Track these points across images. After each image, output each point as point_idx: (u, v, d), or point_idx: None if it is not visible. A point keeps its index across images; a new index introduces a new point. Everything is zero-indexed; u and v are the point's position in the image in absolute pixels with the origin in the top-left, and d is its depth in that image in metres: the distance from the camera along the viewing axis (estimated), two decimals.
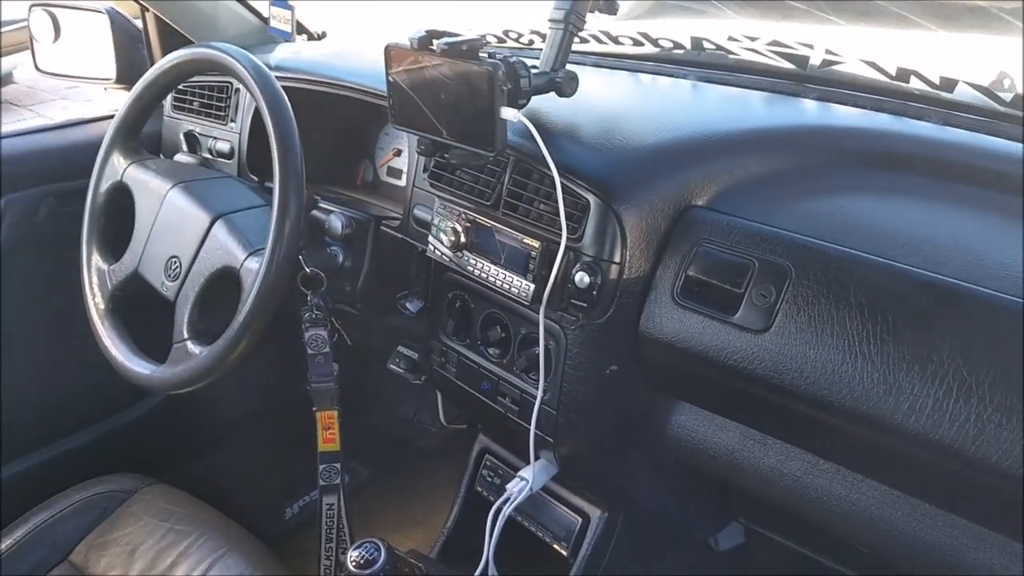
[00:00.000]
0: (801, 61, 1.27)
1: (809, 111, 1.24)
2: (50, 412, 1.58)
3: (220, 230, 1.16)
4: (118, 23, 1.58)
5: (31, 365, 1.55)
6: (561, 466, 1.17)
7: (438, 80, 1.00)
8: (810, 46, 1.24)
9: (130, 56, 1.60)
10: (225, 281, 1.13)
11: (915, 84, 1.16)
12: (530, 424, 1.11)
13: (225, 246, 1.14)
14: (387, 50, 1.04)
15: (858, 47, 1.23)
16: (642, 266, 1.01)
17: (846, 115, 1.21)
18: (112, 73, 1.61)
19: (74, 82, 1.70)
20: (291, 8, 1.11)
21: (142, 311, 1.24)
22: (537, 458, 1.16)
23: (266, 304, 1.06)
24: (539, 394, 1.09)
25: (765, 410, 0.97)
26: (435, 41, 0.99)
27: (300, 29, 1.74)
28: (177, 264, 1.18)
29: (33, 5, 1.64)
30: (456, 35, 0.99)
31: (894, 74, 1.16)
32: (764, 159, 1.09)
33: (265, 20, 1.68)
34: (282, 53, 1.57)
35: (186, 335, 1.14)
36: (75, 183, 1.47)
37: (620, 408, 1.11)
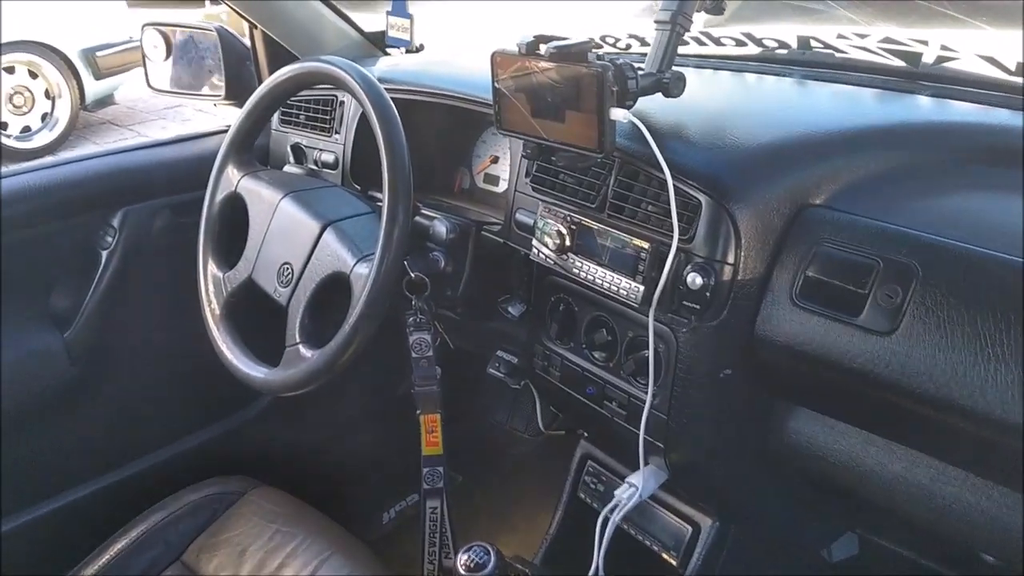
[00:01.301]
0: (914, 58, 1.23)
1: (925, 108, 1.19)
2: (165, 415, 1.64)
3: (330, 237, 1.18)
4: (227, 41, 1.64)
5: (148, 370, 1.61)
6: (671, 473, 1.15)
7: (545, 84, 1.01)
8: (924, 42, 1.19)
9: (238, 73, 1.65)
10: (335, 286, 1.15)
11: None
12: (639, 429, 1.09)
13: (336, 252, 1.16)
14: (493, 57, 1.05)
15: (973, 43, 1.18)
16: (757, 267, 0.99)
17: (964, 111, 1.16)
18: (221, 90, 1.67)
19: (185, 99, 1.77)
20: (410, 17, 1.13)
21: (254, 317, 1.27)
22: (646, 464, 1.14)
23: (376, 308, 1.07)
24: (648, 398, 1.08)
25: (890, 415, 0.94)
26: (543, 46, 0.99)
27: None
28: (289, 270, 1.20)
29: (145, 24, 1.71)
30: (563, 39, 0.99)
31: (1013, 69, 1.11)
32: (882, 156, 1.05)
33: (364, 34, 1.72)
34: (383, 65, 1.61)
35: (298, 339, 1.16)
36: (189, 195, 1.53)
37: (734, 413, 1.09)
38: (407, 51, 1.77)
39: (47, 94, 5.08)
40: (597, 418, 1.19)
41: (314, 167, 1.57)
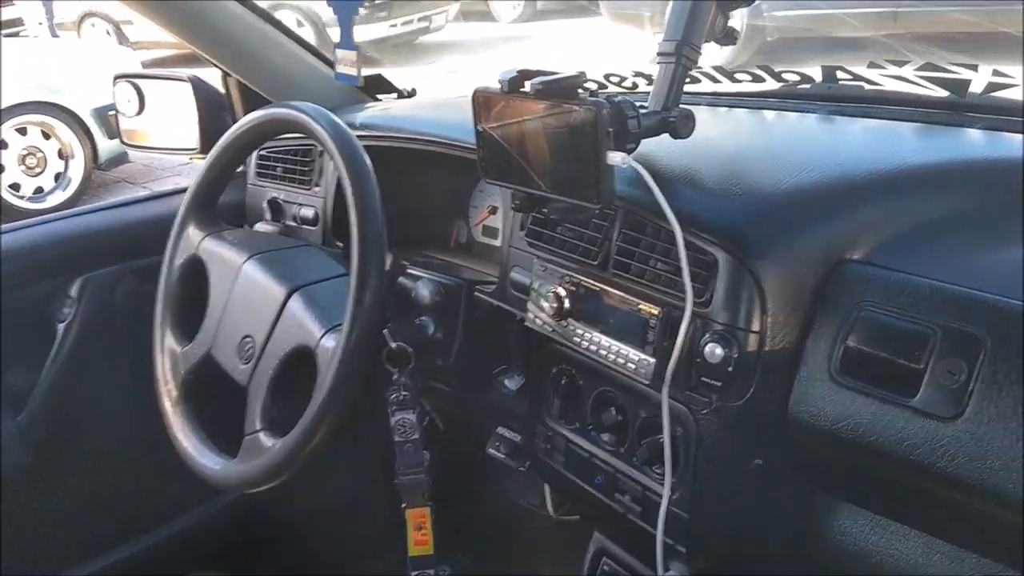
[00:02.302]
0: (960, 87, 1.07)
1: (976, 143, 1.05)
2: (132, 506, 1.50)
3: (296, 304, 1.06)
4: (201, 90, 1.54)
5: (113, 455, 1.48)
6: None
7: (533, 125, 0.89)
8: (973, 67, 1.04)
9: (215, 124, 1.53)
10: (302, 362, 1.03)
11: None
12: (656, 529, 0.93)
13: (301, 322, 1.04)
14: (475, 96, 0.94)
15: None
16: (788, 335, 0.85)
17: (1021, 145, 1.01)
18: (196, 143, 1.56)
19: (159, 154, 1.66)
20: (356, 49, 1.02)
21: (221, 396, 1.14)
22: (666, 570, 0.97)
23: (344, 388, 0.95)
24: (666, 493, 0.92)
25: (957, 516, 0.79)
26: (528, 82, 0.87)
27: (389, 88, 1.66)
28: (251, 344, 1.09)
29: (116, 76, 1.61)
30: (551, 74, 0.86)
31: None
32: (930, 201, 0.92)
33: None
34: (372, 111, 1.51)
35: (259, 425, 1.04)
36: (155, 258, 1.40)
37: (769, 511, 0.93)
38: (398, 96, 1.66)
39: (60, 154, 5.07)
40: (609, 512, 1.03)
41: (292, 223, 1.45)
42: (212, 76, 1.59)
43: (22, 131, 4.91)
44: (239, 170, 1.56)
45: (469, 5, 9.29)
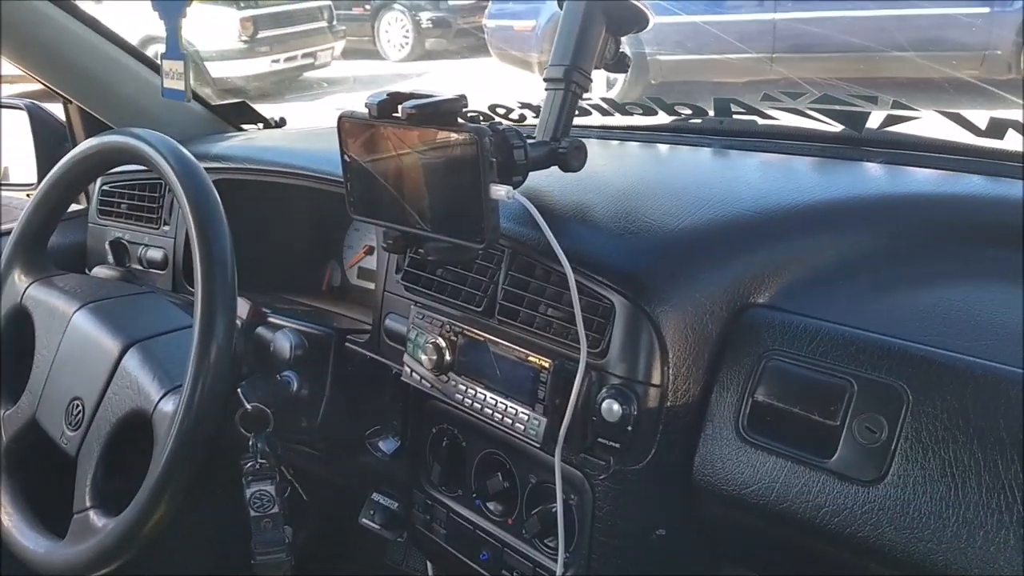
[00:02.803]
0: (857, 120, 1.04)
1: (877, 177, 1.01)
2: None
3: (132, 361, 0.95)
4: (39, 119, 1.40)
5: None
6: None
7: (407, 155, 0.79)
8: (872, 99, 1.01)
9: (54, 157, 1.36)
10: (138, 429, 0.91)
11: (1012, 141, 0.92)
12: None
13: (136, 383, 0.93)
14: (340, 121, 0.84)
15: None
16: (692, 389, 0.77)
17: (928, 179, 0.98)
18: (34, 177, 1.41)
19: None
20: (184, 57, 0.90)
21: (49, 468, 0.99)
22: None
23: (185, 459, 0.85)
24: (559, 570, 0.83)
25: None
26: (400, 106, 0.77)
27: (255, 117, 1.53)
28: (80, 408, 0.96)
29: None
30: (427, 96, 0.76)
31: (984, 128, 0.93)
32: (833, 240, 0.87)
33: (211, 108, 1.47)
34: (230, 142, 1.38)
35: (89, 503, 0.92)
36: None
37: None
38: (266, 126, 1.53)
39: None
40: None
41: (139, 267, 1.32)
42: (57, 106, 1.43)
43: None
44: (79, 207, 1.42)
45: (356, 43, 9.20)
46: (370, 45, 9.49)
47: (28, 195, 1.46)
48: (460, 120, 0.76)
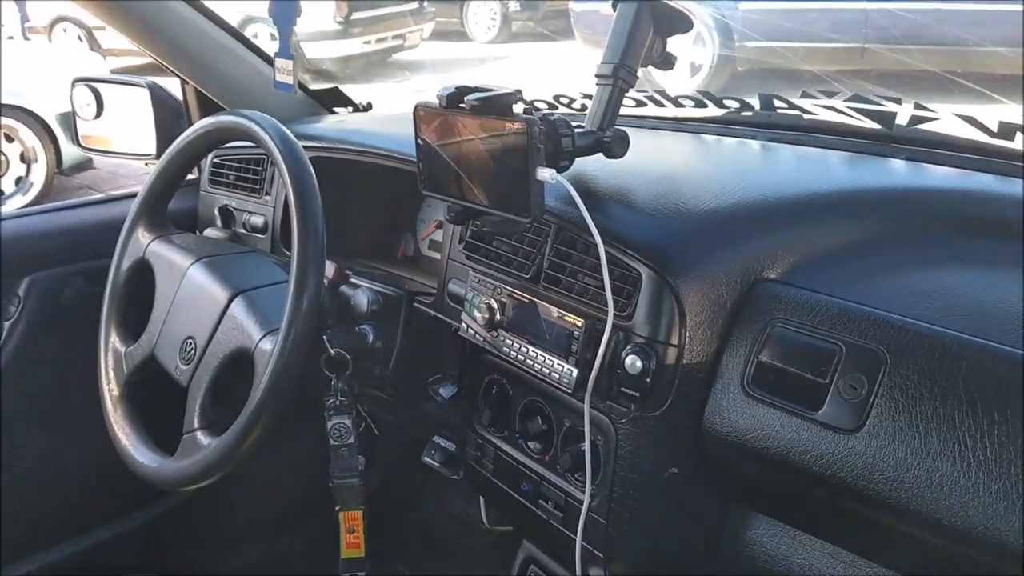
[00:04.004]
0: (887, 119, 1.12)
1: (898, 172, 1.09)
2: (70, 509, 1.49)
3: (238, 308, 1.07)
4: (159, 97, 1.54)
5: (53, 458, 1.47)
6: None
7: (469, 140, 0.91)
8: (897, 100, 1.09)
9: (171, 131, 1.53)
10: (241, 364, 1.04)
11: (1021, 142, 1.00)
12: (576, 534, 0.95)
13: (241, 325, 1.05)
14: (416, 110, 0.97)
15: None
16: (705, 349, 0.87)
17: (941, 176, 1.06)
18: (153, 149, 1.56)
19: (116, 159, 1.66)
20: (292, 58, 1.04)
21: (162, 397, 1.14)
22: (586, 574, 0.99)
23: (280, 389, 0.96)
24: (586, 499, 0.94)
25: (858, 526, 0.82)
26: (466, 97, 0.89)
27: (346, 101, 1.68)
28: (192, 345, 1.09)
29: (75, 80, 1.62)
30: (489, 90, 0.89)
31: (996, 130, 1.00)
32: (847, 226, 0.95)
33: (309, 92, 1.63)
34: (323, 124, 1.52)
35: (197, 424, 1.04)
36: (104, 261, 1.40)
37: (682, 519, 0.95)
38: (354, 110, 1.68)
39: (23, 158, 5.00)
40: (534, 519, 1.05)
41: (242, 231, 1.46)
42: (173, 84, 1.60)
43: None
44: (193, 177, 1.57)
45: (445, 24, 9.31)
46: (458, 26, 9.59)
47: (146, 164, 1.64)
48: (515, 110, 0.88)
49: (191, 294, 1.13)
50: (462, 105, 0.90)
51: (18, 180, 5.05)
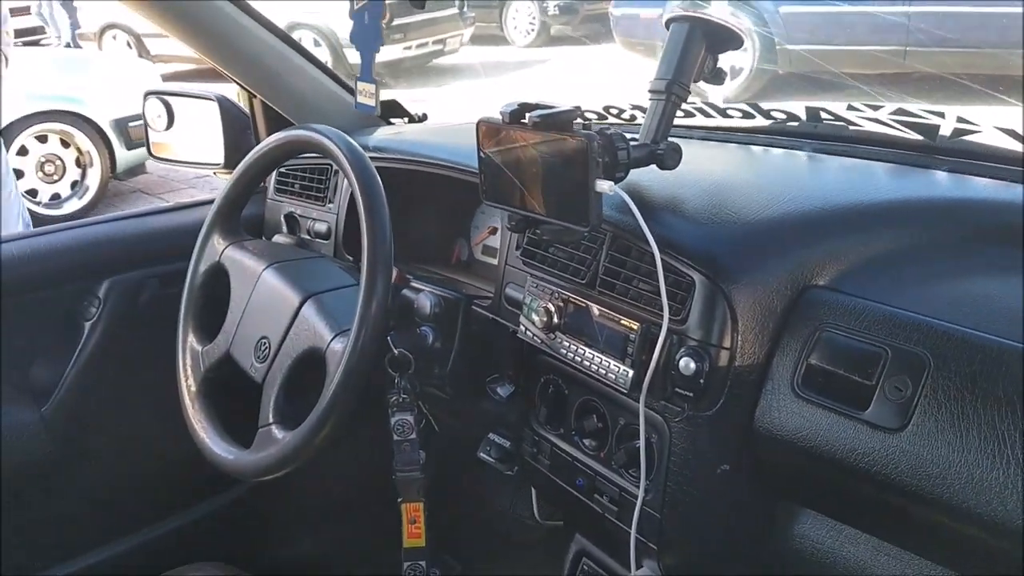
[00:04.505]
0: (930, 131, 1.16)
1: (942, 184, 1.13)
2: (144, 497, 1.58)
3: (309, 310, 1.14)
4: (227, 109, 1.62)
5: (129, 448, 1.56)
6: None
7: (530, 154, 0.97)
8: (940, 114, 1.13)
9: (238, 141, 1.63)
10: (313, 363, 1.10)
11: None
12: (630, 527, 1.00)
13: (313, 326, 1.11)
14: (479, 125, 1.02)
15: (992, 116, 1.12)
16: (756, 352, 0.92)
17: (983, 188, 1.09)
18: (221, 158, 1.65)
19: (185, 168, 1.75)
20: (375, 82, 1.10)
21: (236, 395, 1.21)
22: (639, 567, 1.04)
23: (350, 387, 1.02)
24: (640, 494, 1.00)
25: (902, 521, 0.86)
26: (527, 114, 0.95)
27: (402, 112, 1.75)
28: (266, 345, 1.16)
29: (147, 92, 1.71)
30: (550, 107, 0.94)
31: None
32: (893, 235, 0.99)
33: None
34: (382, 135, 1.59)
35: (272, 419, 1.11)
36: (178, 265, 1.49)
37: (732, 513, 1.00)
38: (409, 120, 1.75)
39: (78, 163, 5.18)
40: (588, 512, 1.10)
41: (307, 237, 1.54)
42: (231, 92, 1.68)
43: (42, 139, 5.03)
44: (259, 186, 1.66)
45: (484, 28, 9.41)
46: (497, 31, 9.67)
47: (214, 172, 1.73)
48: (575, 126, 0.94)
49: (265, 297, 1.20)
50: (523, 121, 0.95)
51: (74, 184, 5.23)
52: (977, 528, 0.76)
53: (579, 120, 0.94)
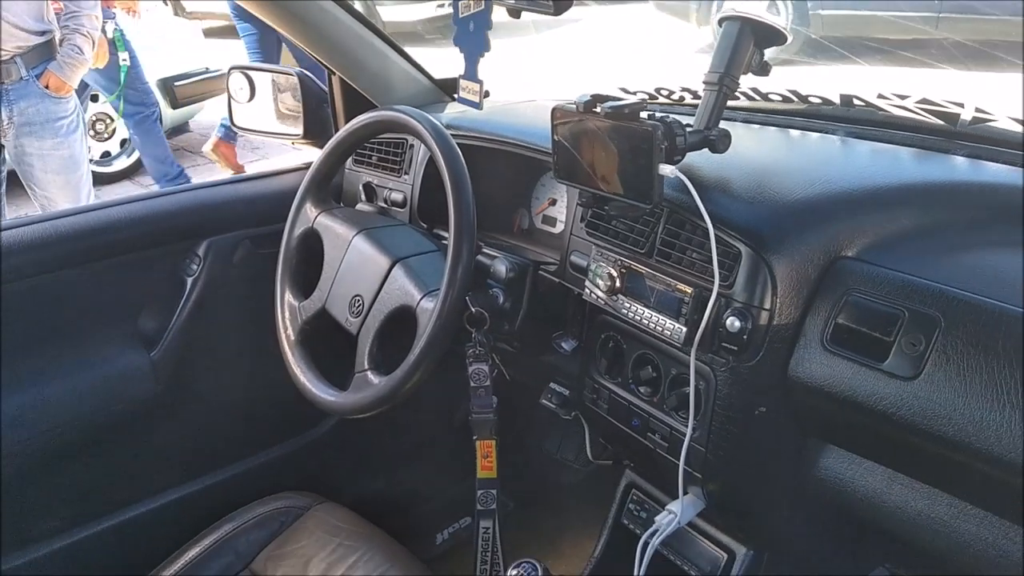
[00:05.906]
0: (951, 118, 1.29)
1: (959, 168, 1.26)
2: (239, 433, 1.76)
3: (399, 272, 1.28)
4: (307, 85, 1.77)
5: (226, 390, 1.73)
6: (708, 502, 1.23)
7: (600, 139, 1.10)
8: (960, 104, 1.26)
9: (316, 114, 1.78)
10: (402, 318, 1.25)
11: None
12: (679, 460, 1.17)
13: (403, 287, 1.26)
14: (553, 112, 1.15)
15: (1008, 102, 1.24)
16: (792, 313, 1.06)
17: (996, 172, 1.22)
18: (300, 129, 1.79)
19: (266, 137, 1.90)
20: (480, 82, 1.25)
21: (326, 344, 1.37)
22: (685, 493, 1.22)
23: (440, 340, 1.17)
24: (688, 431, 1.15)
25: (913, 455, 1.00)
26: (599, 104, 1.08)
27: None
28: (360, 302, 1.31)
29: (232, 68, 1.85)
30: (618, 99, 1.08)
31: None
32: (913, 213, 1.12)
33: (434, 81, 1.84)
34: (452, 112, 1.72)
35: (367, 365, 1.26)
36: (267, 228, 1.65)
37: (768, 448, 1.16)
38: None
39: None
40: (641, 449, 1.27)
41: (384, 205, 1.68)
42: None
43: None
44: None
45: None
46: None
47: (293, 143, 1.88)
48: (642, 116, 1.06)
49: (357, 260, 1.35)
50: (595, 110, 1.08)
51: (123, 142, 5.39)
52: (979, 461, 0.90)
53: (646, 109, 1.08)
